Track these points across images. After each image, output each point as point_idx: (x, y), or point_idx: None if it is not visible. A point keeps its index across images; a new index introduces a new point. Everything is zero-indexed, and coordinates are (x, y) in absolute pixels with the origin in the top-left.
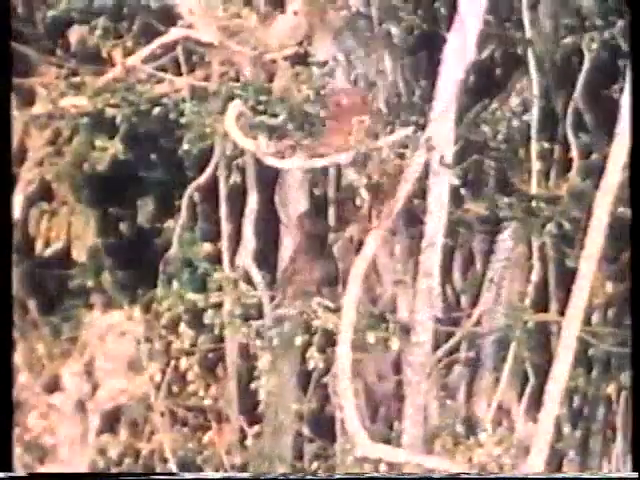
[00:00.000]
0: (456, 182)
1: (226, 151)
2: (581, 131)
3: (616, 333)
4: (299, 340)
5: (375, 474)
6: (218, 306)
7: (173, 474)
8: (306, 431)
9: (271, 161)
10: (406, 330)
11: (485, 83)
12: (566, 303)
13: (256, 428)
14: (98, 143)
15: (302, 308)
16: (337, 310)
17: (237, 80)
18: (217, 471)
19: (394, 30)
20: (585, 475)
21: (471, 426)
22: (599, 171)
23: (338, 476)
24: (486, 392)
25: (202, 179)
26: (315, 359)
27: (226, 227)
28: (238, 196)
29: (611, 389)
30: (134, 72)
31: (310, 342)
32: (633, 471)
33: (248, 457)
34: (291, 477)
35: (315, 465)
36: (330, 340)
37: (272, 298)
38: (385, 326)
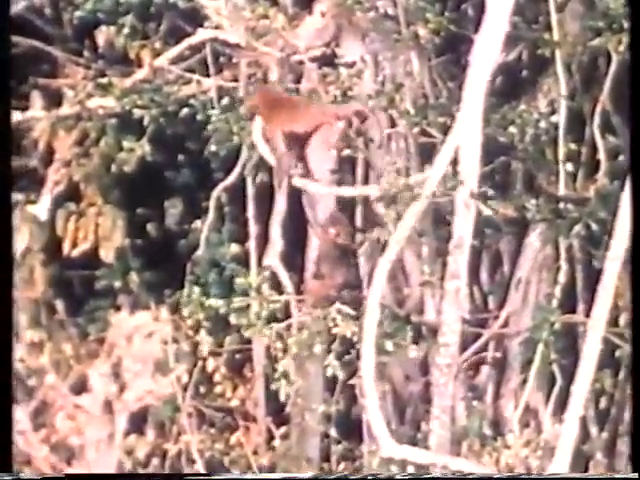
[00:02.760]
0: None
1: (253, 159)
2: (608, 133)
3: None
4: (318, 348)
5: (402, 475)
6: (245, 307)
7: (201, 474)
8: (333, 432)
9: (297, 182)
10: (433, 331)
11: (512, 85)
12: (593, 304)
13: (283, 429)
14: (126, 144)
15: (322, 314)
16: (357, 318)
17: (265, 82)
18: (245, 472)
19: (421, 31)
20: (584, 475)
21: (498, 427)
22: (627, 173)
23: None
24: (513, 393)
25: (229, 180)
26: (334, 367)
27: (253, 228)
28: (266, 197)
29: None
30: (162, 73)
31: (329, 349)
32: (633, 471)
33: (275, 458)
34: (318, 478)
35: (342, 466)
36: (350, 347)
37: (299, 301)
38: (410, 327)
